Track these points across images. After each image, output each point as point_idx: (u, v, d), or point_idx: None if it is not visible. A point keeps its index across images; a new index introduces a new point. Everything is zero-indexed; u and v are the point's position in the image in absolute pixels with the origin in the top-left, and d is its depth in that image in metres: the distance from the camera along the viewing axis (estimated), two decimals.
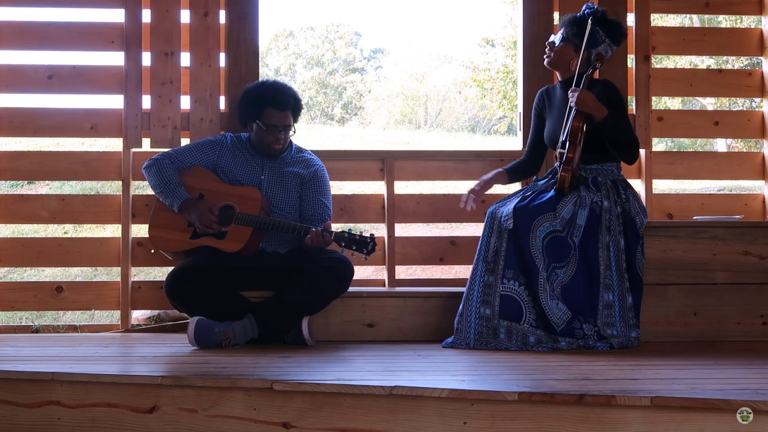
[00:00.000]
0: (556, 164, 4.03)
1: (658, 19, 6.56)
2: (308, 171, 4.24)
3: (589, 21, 3.92)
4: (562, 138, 3.90)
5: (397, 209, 4.75)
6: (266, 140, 4.16)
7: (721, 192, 8.05)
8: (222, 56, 4.68)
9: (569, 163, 3.83)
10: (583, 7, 4.00)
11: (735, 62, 13.11)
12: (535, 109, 4.26)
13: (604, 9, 4.02)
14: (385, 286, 4.68)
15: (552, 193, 3.90)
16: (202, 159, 4.21)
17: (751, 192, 5.47)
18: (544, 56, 4.09)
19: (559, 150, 3.90)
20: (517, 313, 3.75)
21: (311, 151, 4.42)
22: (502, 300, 3.77)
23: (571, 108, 3.88)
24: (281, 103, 4.15)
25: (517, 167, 4.28)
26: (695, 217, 4.48)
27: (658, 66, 7.88)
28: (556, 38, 4.05)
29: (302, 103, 4.29)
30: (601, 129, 3.87)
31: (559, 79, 4.11)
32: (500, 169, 4.25)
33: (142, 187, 4.22)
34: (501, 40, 19.28)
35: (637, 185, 4.73)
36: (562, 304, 3.75)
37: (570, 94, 3.87)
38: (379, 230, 4.70)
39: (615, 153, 3.98)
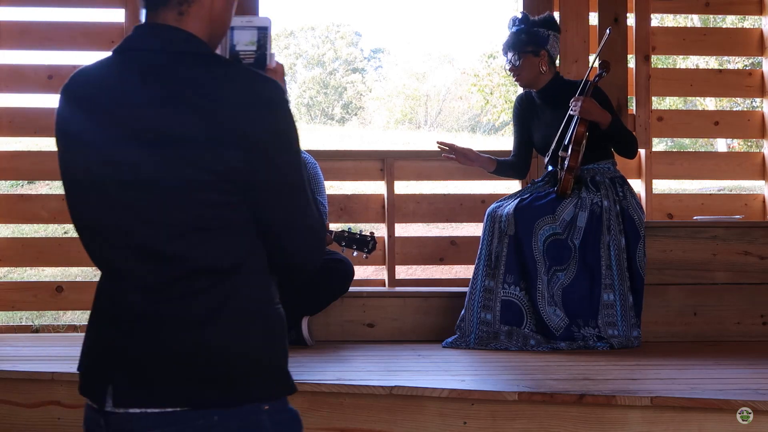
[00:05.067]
0: (551, 167, 4.03)
1: (667, 18, 6.56)
2: None
3: (523, 24, 3.97)
4: (564, 143, 3.89)
5: (397, 209, 4.75)
6: None
7: (721, 192, 8.04)
8: None
9: (572, 170, 3.83)
10: (511, 21, 4.03)
11: (735, 62, 13.10)
12: (517, 115, 4.22)
13: (523, 11, 4.08)
14: (385, 286, 4.68)
15: (552, 195, 3.89)
16: None
17: (751, 192, 5.47)
18: (515, 81, 4.07)
19: (561, 154, 3.89)
20: (518, 317, 3.75)
21: (306, 149, 4.41)
22: (503, 305, 3.76)
23: (571, 116, 3.87)
24: None
25: (505, 163, 4.25)
26: (695, 217, 4.48)
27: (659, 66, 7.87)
28: (512, 61, 4.00)
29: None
30: (607, 133, 3.86)
31: (535, 91, 4.09)
32: (493, 157, 4.24)
33: None
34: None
35: (637, 185, 4.73)
36: (559, 311, 3.74)
37: (572, 104, 3.84)
38: (379, 230, 4.69)
39: (617, 151, 3.99)
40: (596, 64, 3.95)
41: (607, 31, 4.01)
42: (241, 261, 1.37)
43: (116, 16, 4.68)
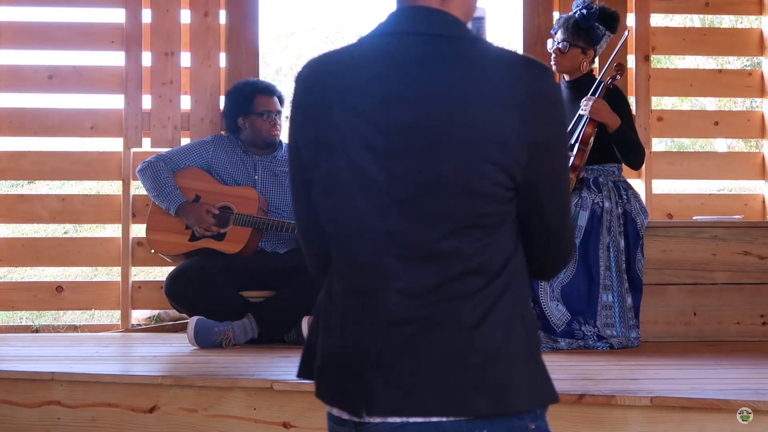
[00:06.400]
0: None
1: (667, 18, 6.56)
2: None
3: (590, 20, 3.92)
4: (570, 142, 3.88)
5: None
6: (263, 128, 4.20)
7: (721, 192, 8.03)
8: (222, 56, 4.68)
9: (575, 168, 3.83)
10: (577, 7, 3.96)
11: (735, 62, 13.09)
12: None
13: (595, 3, 4.00)
14: None
15: None
16: (196, 160, 4.21)
17: (751, 192, 5.47)
18: (552, 63, 4.02)
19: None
20: None
21: None
22: None
23: (581, 115, 3.86)
24: (268, 88, 4.29)
25: None
26: (695, 217, 4.47)
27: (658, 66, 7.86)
28: (559, 43, 3.98)
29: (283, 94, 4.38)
30: (613, 137, 3.85)
31: (566, 79, 4.07)
32: None
33: (142, 187, 4.22)
34: (503, 44, 19.31)
35: (638, 185, 4.72)
36: (561, 306, 3.74)
37: (584, 103, 3.83)
38: None
39: (622, 158, 3.98)
40: (602, 67, 3.96)
41: (625, 33, 4.00)
42: (508, 261, 1.30)
43: (116, 16, 4.69)
